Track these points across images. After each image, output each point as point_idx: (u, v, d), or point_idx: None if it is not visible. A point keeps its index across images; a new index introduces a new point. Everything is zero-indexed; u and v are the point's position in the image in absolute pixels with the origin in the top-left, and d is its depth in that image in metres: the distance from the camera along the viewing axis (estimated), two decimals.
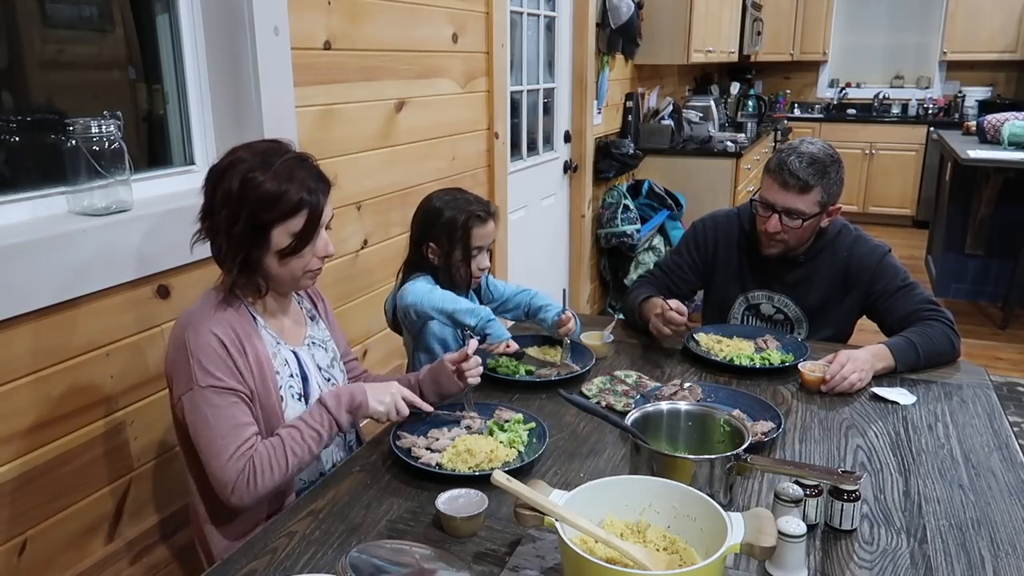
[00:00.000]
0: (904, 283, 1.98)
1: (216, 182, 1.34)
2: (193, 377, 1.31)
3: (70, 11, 1.68)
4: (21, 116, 1.60)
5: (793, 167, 1.90)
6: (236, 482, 1.30)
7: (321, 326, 1.60)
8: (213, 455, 1.31)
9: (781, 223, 1.94)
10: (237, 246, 1.34)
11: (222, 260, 1.38)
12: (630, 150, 4.47)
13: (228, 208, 1.32)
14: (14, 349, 1.40)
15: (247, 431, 1.33)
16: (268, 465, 1.31)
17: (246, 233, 1.33)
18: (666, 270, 2.20)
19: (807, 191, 1.91)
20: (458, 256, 1.86)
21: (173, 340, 1.36)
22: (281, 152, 1.37)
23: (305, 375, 1.47)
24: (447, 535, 1.21)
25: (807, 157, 1.91)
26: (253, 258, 1.36)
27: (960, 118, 6.99)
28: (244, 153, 1.36)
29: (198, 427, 1.32)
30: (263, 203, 1.31)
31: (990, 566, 1.14)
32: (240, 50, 1.84)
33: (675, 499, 1.08)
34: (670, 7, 4.59)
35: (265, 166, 1.33)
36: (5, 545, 1.42)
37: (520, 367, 1.83)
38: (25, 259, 1.39)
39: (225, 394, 1.32)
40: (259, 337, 1.40)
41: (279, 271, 1.39)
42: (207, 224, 1.37)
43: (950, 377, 1.83)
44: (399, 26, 2.42)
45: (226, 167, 1.35)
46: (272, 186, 1.32)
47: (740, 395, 1.65)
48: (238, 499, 1.31)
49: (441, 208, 1.86)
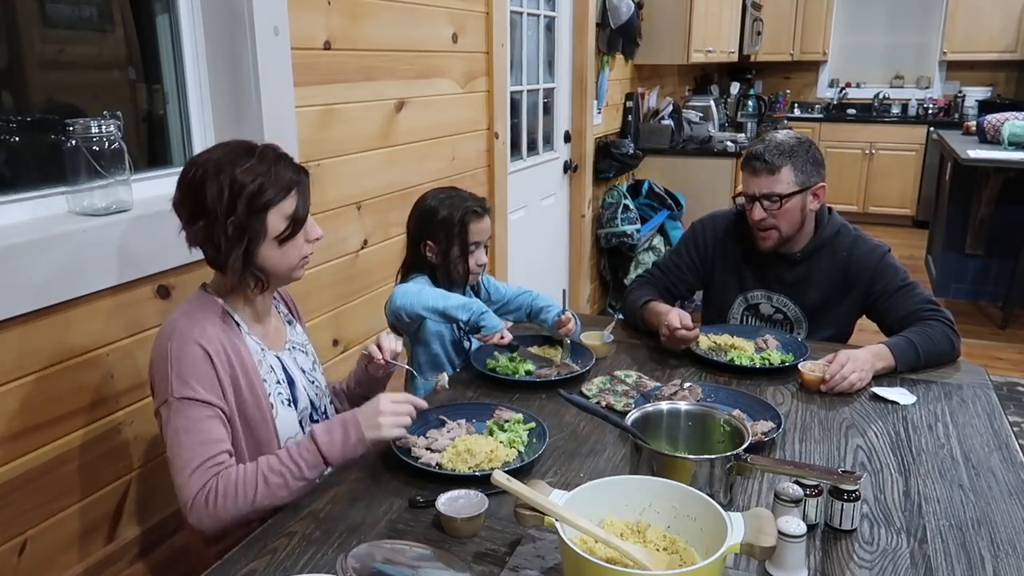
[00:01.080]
0: (904, 283, 1.98)
1: (202, 180, 1.30)
2: (169, 387, 1.28)
3: (70, 11, 1.69)
4: (21, 116, 1.60)
5: (757, 152, 1.99)
6: (194, 500, 1.24)
7: (299, 329, 1.58)
8: (177, 469, 1.26)
9: (764, 210, 1.97)
10: (238, 236, 1.32)
11: (223, 258, 1.33)
12: (630, 150, 4.47)
13: (223, 200, 1.30)
14: (14, 349, 1.40)
15: (215, 447, 1.28)
16: (234, 487, 1.24)
17: (245, 221, 1.31)
18: (665, 270, 2.20)
19: (776, 171, 1.96)
20: (456, 253, 1.87)
21: (155, 348, 1.33)
22: (254, 144, 1.37)
23: (291, 380, 1.46)
24: (447, 535, 1.21)
25: (771, 142, 2.00)
26: (252, 249, 1.34)
27: (960, 118, 6.98)
28: (218, 152, 1.34)
29: (169, 439, 1.28)
30: (259, 186, 1.31)
31: (990, 566, 1.14)
32: (240, 50, 1.84)
33: (675, 499, 1.08)
34: (670, 7, 4.59)
35: (249, 155, 1.33)
36: (5, 545, 1.42)
37: (520, 367, 1.83)
38: (25, 259, 1.39)
39: (199, 407, 1.28)
40: (244, 345, 1.38)
41: (277, 260, 1.37)
42: (201, 224, 1.32)
43: (950, 377, 1.83)
44: (399, 26, 2.42)
45: (207, 164, 1.32)
46: (263, 169, 1.32)
47: (740, 395, 1.65)
48: (195, 519, 1.25)
49: (436, 206, 1.87)
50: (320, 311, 2.19)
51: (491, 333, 1.76)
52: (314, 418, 1.51)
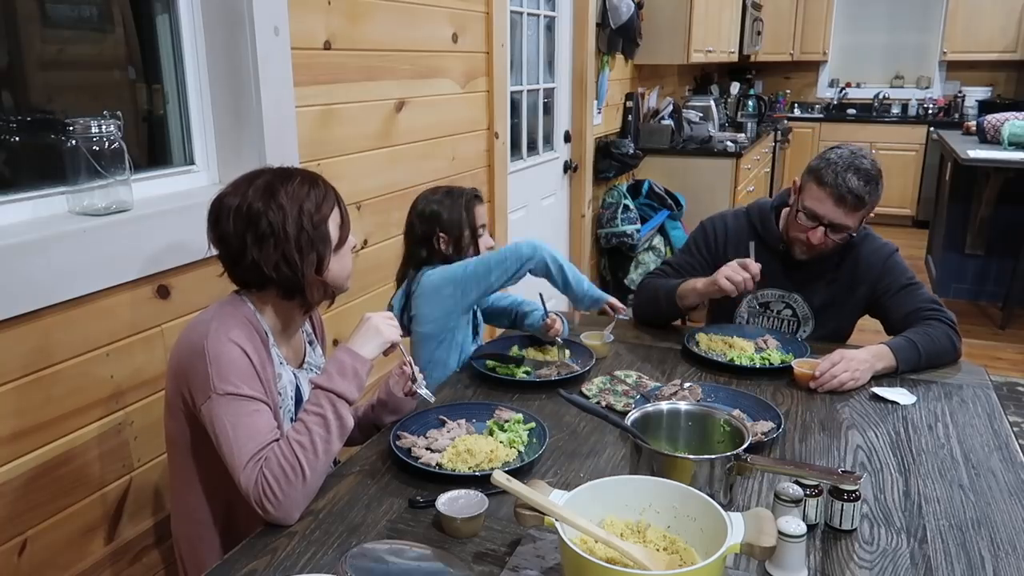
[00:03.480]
0: (909, 282, 1.98)
1: (260, 209, 1.32)
2: (212, 384, 1.26)
3: (70, 11, 1.68)
4: (21, 116, 1.60)
5: (852, 184, 1.84)
6: (253, 494, 1.23)
7: (318, 352, 1.59)
8: (233, 467, 1.25)
9: (826, 235, 1.91)
10: (309, 251, 1.35)
11: (300, 276, 1.35)
12: (630, 150, 4.47)
13: (290, 221, 1.32)
14: (14, 349, 1.40)
15: (263, 439, 1.26)
16: (280, 469, 1.23)
17: (313, 234, 1.35)
18: (676, 268, 2.19)
19: (860, 208, 1.87)
20: (467, 237, 1.95)
21: (187, 348, 1.31)
22: (272, 167, 1.41)
23: (300, 399, 1.45)
24: (447, 535, 1.21)
25: (863, 174, 1.85)
26: (323, 261, 1.37)
27: (960, 118, 6.98)
28: (245, 184, 1.36)
29: (219, 438, 1.26)
30: (312, 201, 1.35)
31: (990, 566, 1.14)
32: (240, 50, 1.84)
33: (675, 499, 1.08)
34: (670, 7, 4.59)
35: (285, 177, 1.37)
36: (5, 545, 1.42)
37: (519, 368, 1.83)
38: (25, 259, 1.39)
39: (243, 402, 1.27)
40: (269, 356, 1.38)
41: (337, 270, 1.41)
42: (270, 247, 1.32)
43: (950, 377, 1.83)
44: (399, 26, 2.42)
45: (248, 194, 1.33)
46: (308, 185, 1.37)
47: (740, 395, 1.65)
48: (267, 515, 1.23)
49: (440, 201, 1.95)
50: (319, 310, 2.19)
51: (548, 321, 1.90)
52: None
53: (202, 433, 1.32)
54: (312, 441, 1.26)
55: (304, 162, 2.03)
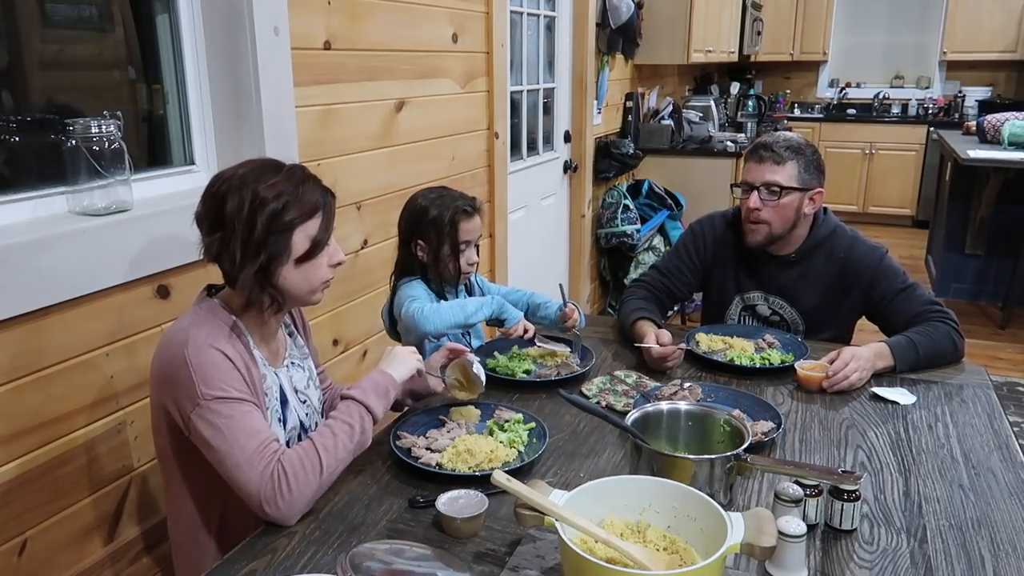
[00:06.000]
0: (905, 285, 1.98)
1: (225, 193, 1.28)
2: (198, 392, 1.24)
3: (70, 11, 1.68)
4: (21, 116, 1.60)
5: (766, 143, 2.02)
6: (263, 492, 1.22)
7: (299, 341, 1.55)
8: (234, 468, 1.23)
9: (761, 200, 1.99)
10: (254, 253, 1.29)
11: (236, 273, 1.30)
12: (630, 150, 4.47)
13: (244, 216, 1.27)
14: (14, 348, 1.40)
15: (262, 436, 1.25)
16: (300, 466, 1.23)
17: (265, 238, 1.28)
18: (664, 272, 2.19)
19: (782, 163, 1.98)
20: (446, 251, 1.85)
21: (167, 358, 1.28)
22: (282, 163, 1.35)
23: (284, 398, 1.43)
24: (447, 535, 1.21)
25: (780, 137, 2.04)
26: (271, 268, 1.31)
27: (960, 118, 6.99)
28: (245, 167, 1.33)
29: (213, 443, 1.24)
30: (282, 205, 1.28)
31: (990, 566, 1.14)
32: (240, 50, 1.84)
33: (675, 499, 1.08)
34: (670, 7, 4.59)
35: (274, 172, 1.31)
36: (5, 545, 1.42)
37: (519, 367, 1.83)
38: (25, 259, 1.39)
39: (235, 404, 1.25)
40: (252, 359, 1.35)
41: (295, 281, 1.34)
42: (218, 236, 1.29)
43: (950, 377, 1.83)
44: (399, 26, 2.42)
45: (233, 178, 1.30)
46: (288, 188, 1.30)
47: (740, 395, 1.65)
48: (275, 511, 1.22)
49: (427, 206, 1.86)
50: (320, 311, 2.19)
51: (515, 325, 1.82)
52: (302, 439, 1.45)
53: (188, 443, 1.30)
54: (336, 446, 1.29)
55: (304, 162, 2.03)
